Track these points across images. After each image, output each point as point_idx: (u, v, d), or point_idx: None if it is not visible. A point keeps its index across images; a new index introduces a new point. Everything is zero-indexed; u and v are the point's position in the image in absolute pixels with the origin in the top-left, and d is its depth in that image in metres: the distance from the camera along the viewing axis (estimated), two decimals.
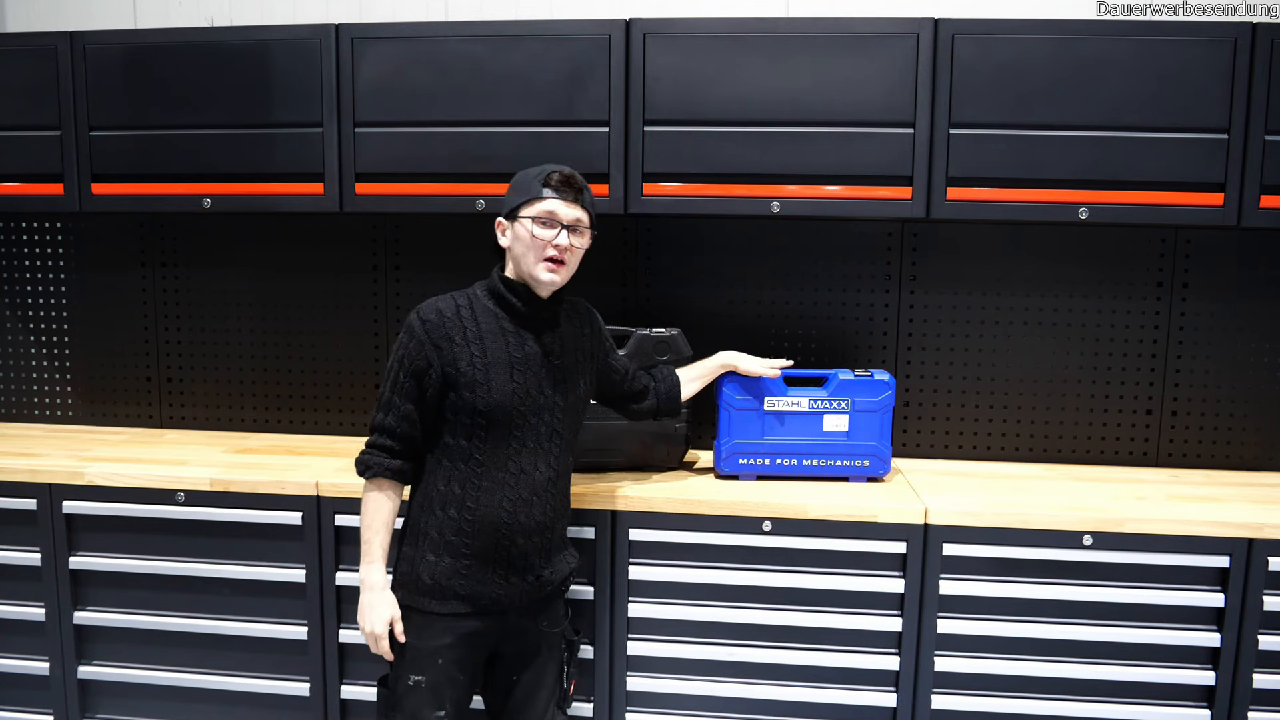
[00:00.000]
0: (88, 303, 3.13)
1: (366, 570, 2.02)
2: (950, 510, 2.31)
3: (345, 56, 2.57)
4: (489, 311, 2.03)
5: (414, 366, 1.97)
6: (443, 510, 2.00)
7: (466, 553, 1.99)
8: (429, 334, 1.97)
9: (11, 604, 2.61)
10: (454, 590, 2.00)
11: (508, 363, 2.00)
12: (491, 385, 1.97)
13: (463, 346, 1.97)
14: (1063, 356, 2.83)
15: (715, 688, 2.42)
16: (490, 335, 2.00)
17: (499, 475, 2.00)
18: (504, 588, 2.03)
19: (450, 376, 1.97)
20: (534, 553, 2.05)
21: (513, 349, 2.01)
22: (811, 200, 2.50)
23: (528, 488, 2.03)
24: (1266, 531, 2.23)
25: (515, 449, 2.01)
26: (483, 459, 2.00)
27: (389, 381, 2.00)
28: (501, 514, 2.00)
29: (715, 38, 2.48)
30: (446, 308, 2.01)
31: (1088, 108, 2.40)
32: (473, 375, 1.96)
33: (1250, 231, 2.65)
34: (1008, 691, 2.35)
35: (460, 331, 1.98)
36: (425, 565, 2.00)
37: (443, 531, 2.00)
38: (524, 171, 2.06)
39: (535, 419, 2.03)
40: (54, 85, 2.69)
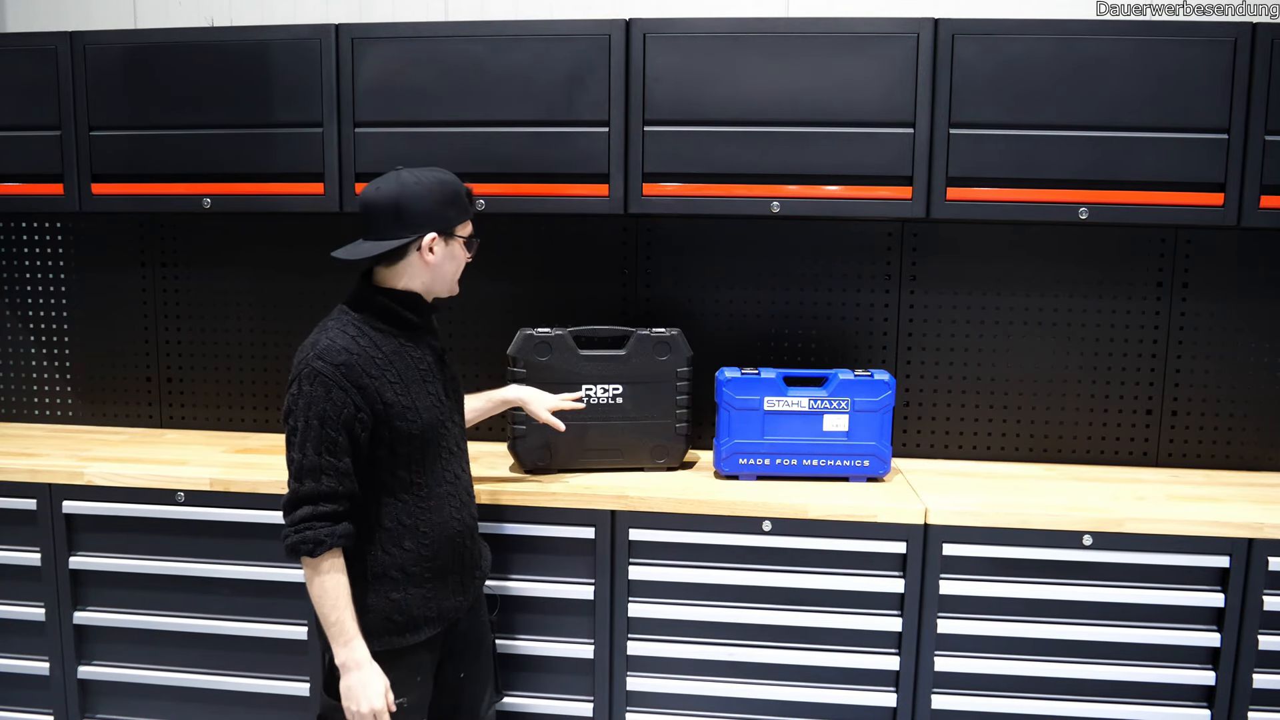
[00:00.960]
0: (88, 303, 3.13)
1: (347, 651, 1.86)
2: (950, 510, 2.31)
3: (345, 56, 2.57)
4: (383, 333, 1.93)
5: (341, 417, 1.82)
6: (397, 547, 1.93)
7: (429, 575, 1.97)
8: (347, 376, 1.83)
9: (11, 604, 2.61)
10: (424, 616, 1.97)
11: (420, 379, 1.95)
12: (418, 406, 1.92)
13: (379, 378, 1.87)
14: (1063, 356, 2.82)
15: (715, 688, 2.42)
16: (395, 357, 1.92)
17: (440, 490, 1.98)
18: (463, 594, 2.05)
19: (380, 413, 1.86)
20: (476, 551, 2.11)
21: (416, 363, 1.96)
22: (811, 200, 2.50)
23: (464, 490, 2.06)
24: (1266, 531, 2.23)
25: (446, 459, 2.01)
26: (423, 481, 1.95)
27: (310, 443, 1.81)
28: (455, 524, 2.01)
29: (715, 38, 2.48)
30: (349, 344, 1.87)
31: (1088, 108, 2.40)
32: (400, 403, 1.88)
33: (1250, 231, 2.65)
34: (1008, 691, 2.35)
35: (372, 364, 1.87)
36: (391, 606, 1.93)
37: (404, 565, 1.94)
38: (442, 185, 1.95)
39: (450, 423, 2.03)
40: (54, 85, 2.69)
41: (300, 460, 1.83)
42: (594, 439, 2.56)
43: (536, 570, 2.44)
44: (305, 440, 1.82)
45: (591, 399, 2.55)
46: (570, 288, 2.92)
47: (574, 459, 2.57)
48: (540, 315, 2.82)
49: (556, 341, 2.54)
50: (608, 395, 2.56)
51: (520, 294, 2.94)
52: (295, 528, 1.83)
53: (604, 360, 2.56)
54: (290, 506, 1.85)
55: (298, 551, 1.84)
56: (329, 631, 1.88)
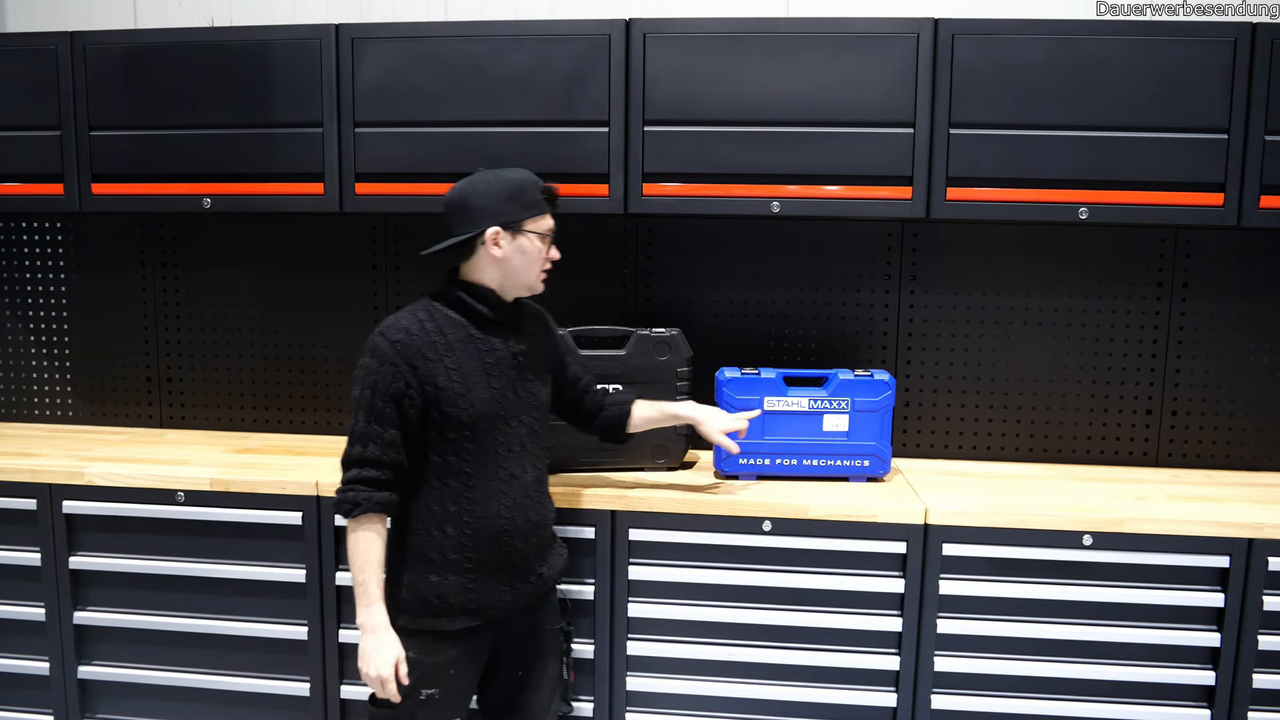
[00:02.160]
0: (88, 303, 3.13)
1: (366, 614, 1.93)
2: (950, 510, 2.31)
3: (345, 56, 2.57)
4: (453, 321, 1.99)
5: (391, 390, 1.91)
6: (439, 530, 1.98)
7: (470, 567, 1.99)
8: (401, 354, 1.92)
9: (11, 604, 2.61)
10: (462, 605, 1.99)
11: (482, 370, 1.98)
12: (472, 395, 1.95)
13: (436, 361, 1.94)
14: (1063, 356, 2.82)
15: (715, 688, 2.42)
16: (460, 345, 1.97)
17: (491, 485, 1.99)
18: (509, 593, 2.03)
19: (430, 395, 1.93)
20: (532, 554, 2.07)
21: (484, 355, 1.99)
22: (811, 200, 2.50)
23: (520, 491, 2.03)
24: (1266, 531, 2.23)
25: (502, 454, 2.01)
26: (473, 471, 1.98)
27: (363, 411, 1.91)
28: (500, 521, 2.00)
29: (715, 38, 2.48)
30: (411, 325, 1.96)
31: (1087, 108, 2.40)
32: (452, 389, 1.94)
33: (1250, 231, 2.65)
34: (1008, 691, 2.35)
35: (430, 347, 1.94)
36: (429, 587, 1.97)
37: (443, 551, 1.98)
38: (507, 181, 2.00)
39: (515, 422, 2.03)
40: (54, 85, 2.69)
41: (354, 426, 1.94)
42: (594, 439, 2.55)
43: None
44: (359, 408, 1.93)
45: None
46: (570, 288, 2.90)
47: (574, 459, 2.57)
48: None
49: None
50: None
51: None
52: (341, 489, 1.94)
53: (604, 360, 2.56)
54: (342, 468, 1.96)
55: (338, 510, 1.94)
56: (355, 592, 1.95)
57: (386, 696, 1.95)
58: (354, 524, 1.93)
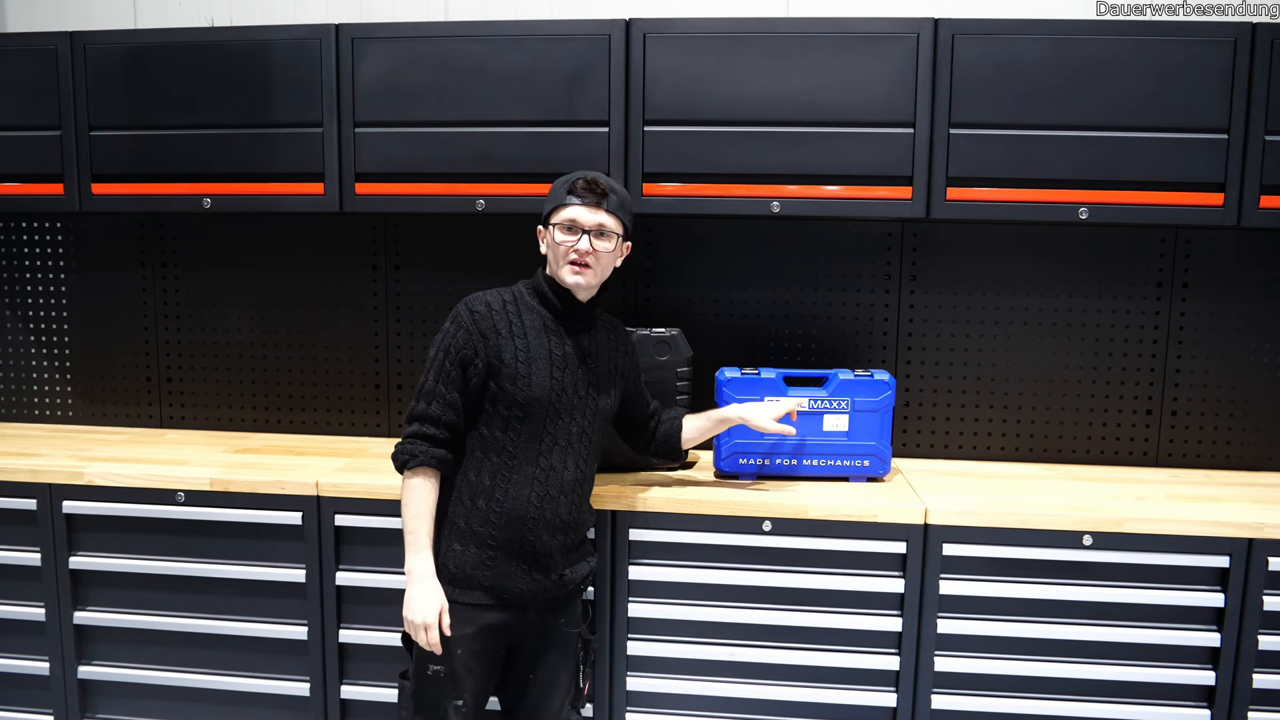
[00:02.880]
0: (88, 303, 3.13)
1: (414, 560, 2.01)
2: (950, 510, 2.31)
3: (345, 56, 2.57)
4: (532, 309, 2.09)
5: (461, 355, 2.01)
6: (471, 500, 2.04)
7: (492, 544, 2.03)
8: (477, 324, 2.03)
9: (11, 604, 2.61)
10: (478, 580, 2.03)
11: (548, 359, 2.05)
12: (532, 379, 2.03)
13: (508, 339, 2.03)
14: (1063, 356, 2.83)
15: (715, 688, 2.42)
16: (533, 331, 2.07)
17: (529, 470, 2.04)
18: (527, 582, 2.06)
19: (494, 367, 2.02)
20: (557, 550, 2.08)
21: (554, 346, 2.07)
22: (811, 200, 2.50)
23: (555, 485, 2.06)
24: (1266, 531, 2.23)
25: (547, 445, 2.05)
26: (514, 452, 2.04)
27: (433, 370, 2.02)
28: (529, 508, 2.03)
29: (715, 38, 2.48)
30: (494, 301, 2.07)
31: (1087, 108, 2.40)
32: (515, 367, 2.02)
33: (1250, 231, 2.65)
34: (1008, 691, 2.35)
35: (506, 324, 2.05)
36: (451, 554, 2.04)
37: (470, 521, 2.04)
38: (560, 178, 2.13)
39: (568, 417, 2.07)
40: (54, 85, 2.69)
41: (422, 383, 2.04)
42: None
43: None
44: (431, 366, 2.03)
45: None
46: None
47: None
48: None
49: None
50: None
51: None
52: (401, 441, 2.04)
53: None
54: (405, 422, 2.05)
55: (395, 461, 2.03)
56: (406, 540, 2.02)
57: (429, 646, 1.99)
58: (409, 474, 2.02)
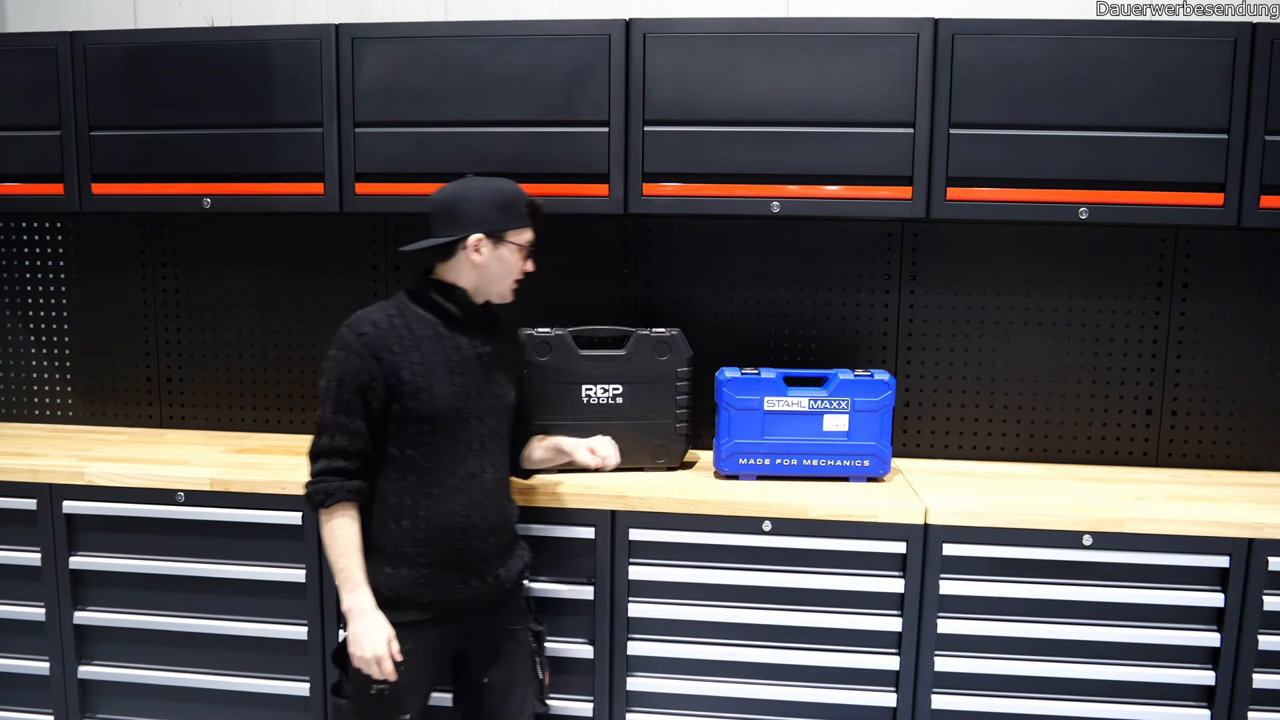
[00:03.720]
0: (88, 303, 3.13)
1: (352, 598, 1.97)
2: (950, 510, 2.31)
3: (345, 56, 2.57)
4: (421, 318, 2.03)
5: (356, 382, 1.94)
6: (395, 523, 2.00)
7: (424, 561, 2.01)
8: (367, 347, 1.95)
9: (11, 604, 2.61)
10: (413, 600, 2.01)
11: (446, 366, 2.01)
12: (434, 390, 1.98)
13: (401, 355, 1.97)
14: (1063, 356, 2.82)
15: (715, 688, 2.42)
16: (426, 341, 2.01)
17: (450, 481, 2.02)
18: (464, 590, 2.05)
19: (393, 387, 1.96)
20: (490, 553, 2.08)
21: (449, 352, 2.02)
22: (811, 200, 2.50)
23: (479, 490, 2.05)
24: (1266, 531, 2.23)
25: (462, 453, 2.03)
26: (431, 466, 2.00)
27: (329, 402, 1.96)
28: (456, 519, 2.02)
29: (715, 38, 2.48)
30: (379, 319, 1.99)
31: (1087, 108, 2.40)
32: (415, 383, 1.97)
33: (1250, 231, 2.65)
34: (1008, 691, 2.35)
35: (397, 340, 1.98)
36: (383, 578, 2.01)
37: (398, 544, 2.00)
38: (496, 190, 2.05)
39: (477, 421, 2.05)
40: (54, 85, 2.69)
41: (321, 417, 1.98)
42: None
43: (537, 570, 2.44)
44: (327, 398, 1.97)
45: (591, 399, 2.55)
46: (570, 288, 2.92)
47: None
48: (540, 315, 2.82)
49: (556, 341, 2.54)
50: (608, 395, 2.56)
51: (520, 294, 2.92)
52: (311, 480, 1.98)
53: (604, 360, 2.56)
54: (310, 459, 2.00)
55: (311, 501, 1.97)
56: (337, 579, 1.99)
57: (384, 676, 1.97)
58: (327, 514, 1.97)
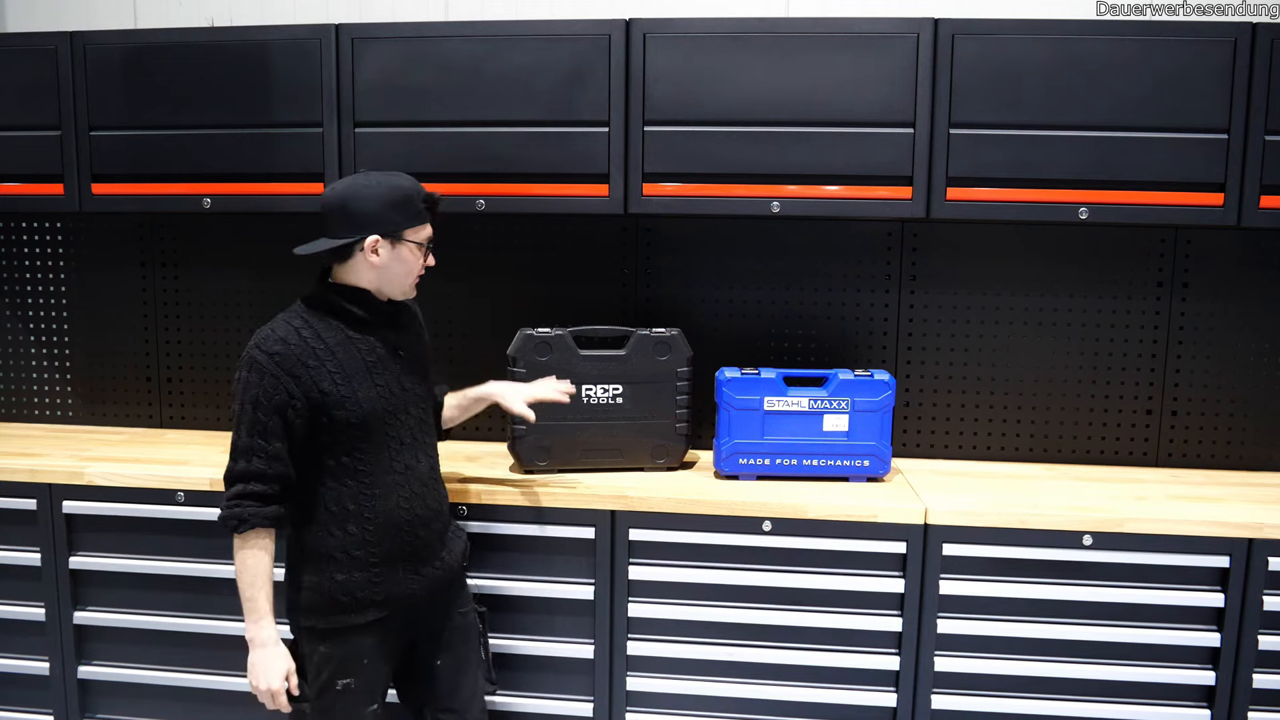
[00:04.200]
0: (88, 303, 3.13)
1: (256, 629, 1.96)
2: (950, 510, 2.32)
3: (345, 56, 2.57)
4: (329, 325, 1.99)
5: (274, 403, 1.89)
6: (342, 530, 1.99)
7: (375, 561, 2.01)
8: (281, 366, 1.90)
9: (11, 604, 2.61)
10: (370, 599, 2.01)
11: (365, 369, 1.99)
12: (358, 396, 1.96)
13: (318, 367, 1.93)
14: (1063, 356, 2.82)
15: (715, 688, 2.42)
16: (339, 348, 1.97)
17: (388, 479, 2.02)
18: (416, 581, 2.07)
19: (316, 401, 1.92)
20: (434, 540, 2.11)
21: (364, 354, 2.00)
22: (811, 200, 2.50)
23: (417, 481, 2.07)
24: (1266, 531, 2.23)
25: (395, 449, 2.03)
26: (368, 469, 1.99)
27: (244, 426, 1.90)
28: (402, 514, 2.03)
29: (715, 38, 2.48)
30: (287, 335, 1.94)
31: (1087, 108, 2.40)
32: (338, 392, 1.94)
33: (1250, 231, 2.65)
34: (1008, 691, 2.35)
35: (310, 353, 1.94)
36: (335, 586, 1.99)
37: (347, 550, 1.99)
38: (391, 188, 1.98)
39: (403, 415, 2.06)
40: (54, 85, 2.69)
41: (236, 441, 1.92)
42: (594, 439, 2.56)
43: (537, 570, 2.44)
44: (240, 422, 1.91)
45: (591, 399, 2.56)
46: (570, 288, 2.92)
47: (574, 459, 2.57)
48: (540, 315, 2.82)
49: (556, 341, 2.54)
50: (608, 395, 2.56)
51: (520, 294, 2.94)
52: (226, 504, 1.93)
53: (604, 360, 2.56)
54: (226, 484, 1.94)
55: (225, 526, 1.93)
56: (244, 606, 1.97)
57: (277, 708, 1.98)
58: (241, 540, 1.93)
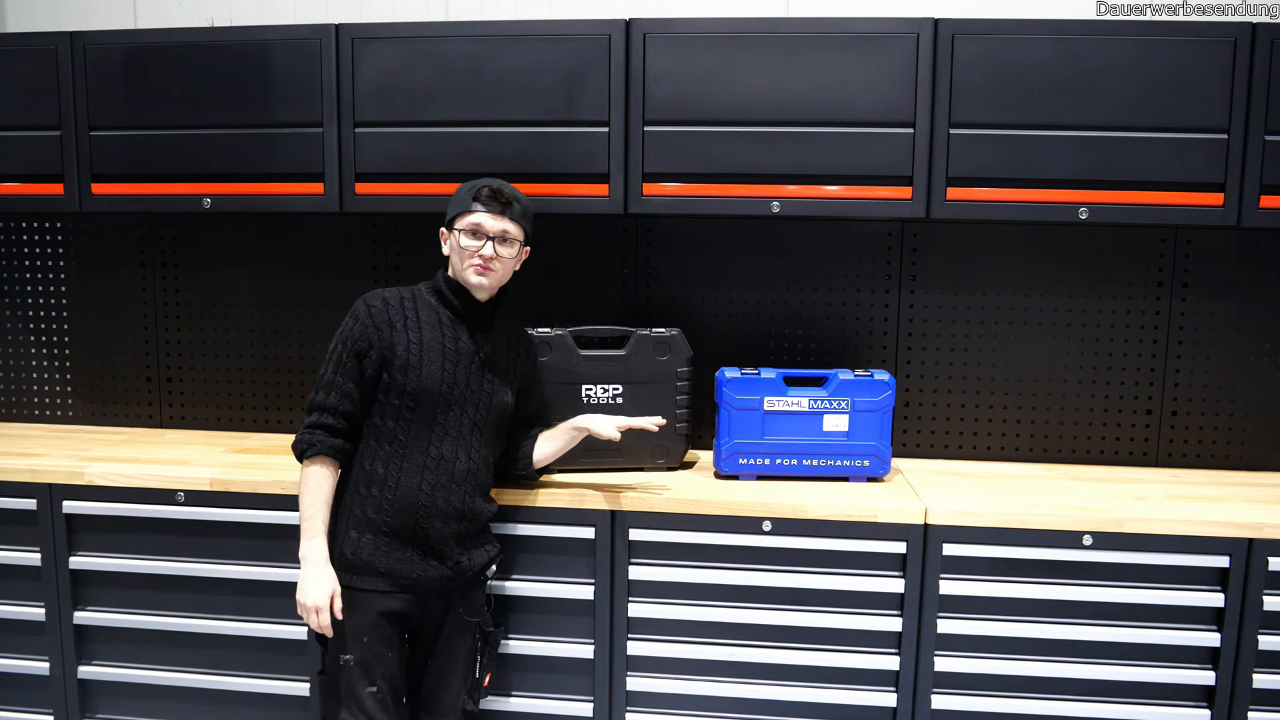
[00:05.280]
0: (88, 303, 3.13)
1: (308, 546, 2.08)
2: (950, 510, 2.31)
3: (345, 56, 2.57)
4: (429, 305, 2.18)
5: (356, 347, 2.10)
6: (366, 488, 2.11)
7: (386, 530, 2.11)
8: (373, 317, 2.12)
9: (11, 604, 2.61)
10: (374, 567, 2.10)
11: (440, 352, 2.13)
12: (423, 370, 2.10)
13: (401, 332, 2.12)
14: (1063, 356, 2.82)
15: (715, 688, 2.42)
16: (428, 326, 2.15)
17: (419, 459, 2.12)
18: (423, 569, 2.12)
19: (387, 358, 2.10)
20: (451, 538, 2.15)
21: (447, 340, 2.15)
22: (811, 200, 2.50)
23: (446, 474, 2.13)
24: (1266, 531, 2.23)
25: (438, 435, 2.13)
26: (406, 440, 2.11)
27: (331, 362, 2.11)
28: (420, 496, 2.10)
29: (715, 38, 2.48)
30: (391, 297, 2.16)
31: (1087, 108, 2.40)
32: (407, 359, 2.10)
33: (1250, 231, 2.65)
34: (1008, 691, 2.35)
35: (401, 318, 2.13)
36: (348, 541, 2.11)
37: (365, 508, 2.11)
38: (465, 184, 2.19)
39: (459, 409, 2.15)
40: (54, 85, 2.69)
41: (322, 374, 2.13)
42: (594, 439, 2.55)
43: (536, 570, 2.44)
44: (330, 358, 2.13)
45: (591, 399, 2.56)
46: (570, 288, 2.92)
47: (574, 459, 2.56)
48: (540, 315, 2.82)
49: (556, 341, 2.54)
50: (608, 395, 2.56)
51: (520, 294, 2.93)
52: (301, 431, 2.12)
53: (604, 360, 2.56)
54: (306, 412, 2.14)
55: (295, 451, 2.11)
56: (302, 526, 2.10)
57: (320, 629, 2.06)
58: (307, 463, 2.09)
